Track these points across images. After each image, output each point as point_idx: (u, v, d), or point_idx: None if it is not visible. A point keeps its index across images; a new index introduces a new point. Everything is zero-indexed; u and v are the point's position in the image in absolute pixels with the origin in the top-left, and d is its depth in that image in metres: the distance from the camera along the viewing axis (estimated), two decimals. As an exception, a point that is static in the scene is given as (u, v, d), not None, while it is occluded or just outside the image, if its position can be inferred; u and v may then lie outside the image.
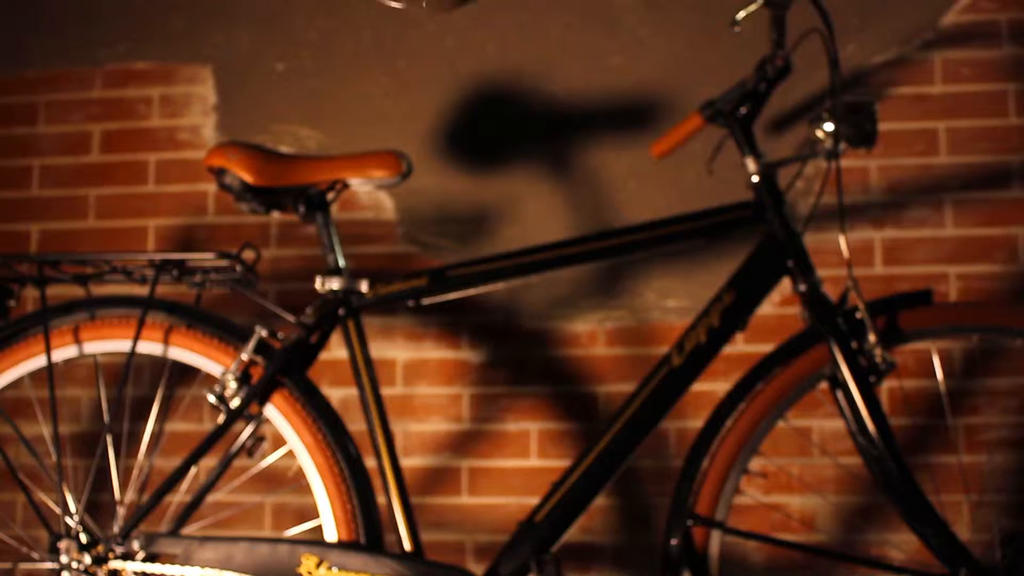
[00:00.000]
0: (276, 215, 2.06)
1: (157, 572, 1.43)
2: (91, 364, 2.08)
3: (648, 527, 1.97)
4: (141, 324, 1.53)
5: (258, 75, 2.13)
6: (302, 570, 1.41)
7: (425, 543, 1.53)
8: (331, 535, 1.49)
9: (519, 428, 2.01)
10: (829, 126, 1.49)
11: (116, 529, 1.47)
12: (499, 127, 2.08)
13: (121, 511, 1.50)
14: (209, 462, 1.58)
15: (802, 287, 1.49)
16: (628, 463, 1.52)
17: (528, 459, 2.01)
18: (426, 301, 1.56)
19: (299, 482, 1.63)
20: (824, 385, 1.52)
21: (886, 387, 1.91)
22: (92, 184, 2.16)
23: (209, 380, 1.58)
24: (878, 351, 1.44)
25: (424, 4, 0.75)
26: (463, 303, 2.00)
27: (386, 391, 1.58)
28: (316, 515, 1.53)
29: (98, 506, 1.76)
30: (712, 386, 1.93)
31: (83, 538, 1.46)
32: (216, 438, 1.49)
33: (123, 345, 1.55)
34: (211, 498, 1.59)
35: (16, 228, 2.17)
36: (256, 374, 1.51)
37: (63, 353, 1.57)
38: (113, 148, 2.16)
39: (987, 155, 1.95)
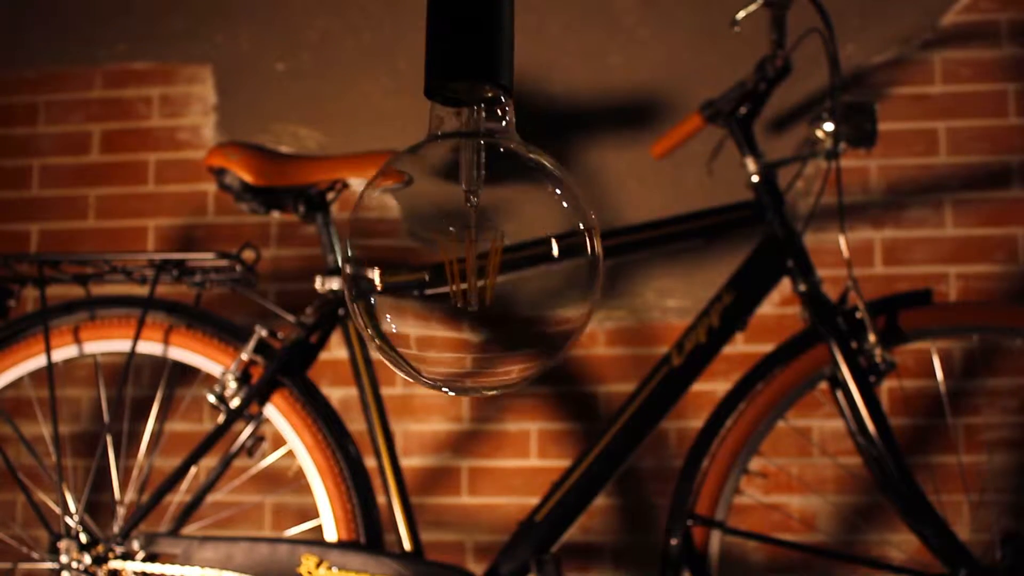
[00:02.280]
0: (276, 215, 2.06)
1: (157, 572, 1.43)
2: (91, 364, 2.08)
3: (648, 527, 1.97)
4: (141, 324, 1.53)
5: (258, 75, 2.13)
6: (302, 570, 1.41)
7: (425, 543, 1.53)
8: (331, 535, 1.49)
9: (519, 428, 2.01)
10: (829, 126, 1.49)
11: (116, 529, 1.47)
12: (499, 127, 2.07)
13: (121, 511, 1.50)
14: (209, 462, 1.58)
15: (802, 287, 1.49)
16: (628, 463, 1.53)
17: (528, 459, 2.01)
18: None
19: (299, 482, 1.63)
20: (824, 385, 1.52)
21: (886, 387, 1.91)
22: (92, 184, 2.16)
23: (209, 380, 1.58)
24: (878, 351, 1.44)
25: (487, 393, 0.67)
26: (463, 303, 1.99)
27: (386, 391, 1.58)
28: (316, 515, 1.53)
29: (98, 506, 1.76)
30: (712, 386, 1.93)
31: (83, 538, 1.46)
32: (216, 438, 1.49)
33: (123, 345, 1.55)
34: (211, 498, 1.59)
35: (16, 228, 2.17)
36: (256, 374, 1.51)
37: (63, 353, 1.57)
38: (113, 148, 2.16)
39: (987, 155, 1.95)
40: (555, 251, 0.63)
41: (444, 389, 0.64)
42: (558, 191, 0.65)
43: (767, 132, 1.98)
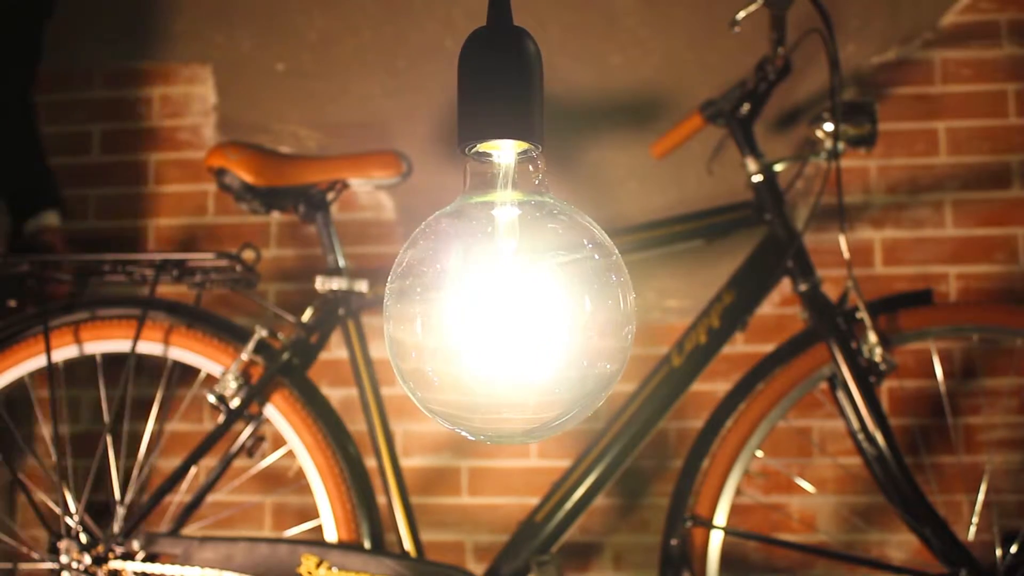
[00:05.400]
0: (276, 215, 2.06)
1: (157, 572, 1.43)
2: (91, 364, 2.07)
3: (648, 527, 1.97)
4: (141, 324, 1.53)
5: (258, 75, 2.13)
6: (302, 570, 1.41)
7: (425, 543, 1.53)
8: (331, 535, 1.49)
9: (519, 428, 2.01)
10: (829, 126, 1.49)
11: (116, 529, 1.47)
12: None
13: (121, 511, 1.49)
14: (209, 462, 1.58)
15: (802, 287, 1.49)
16: (628, 463, 1.53)
17: (528, 459, 2.01)
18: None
19: (299, 482, 1.63)
20: (824, 385, 1.52)
21: (886, 387, 1.91)
22: (92, 184, 2.16)
23: (209, 380, 1.58)
24: (878, 351, 1.45)
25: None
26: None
27: (386, 391, 1.58)
28: (316, 515, 1.53)
29: (98, 506, 1.76)
30: (712, 386, 1.93)
31: (83, 538, 1.46)
32: (216, 438, 1.49)
33: (123, 345, 1.55)
34: (211, 498, 1.59)
35: (16, 228, 2.17)
36: (256, 374, 1.51)
37: (63, 353, 1.57)
38: (113, 148, 2.16)
39: (987, 155, 1.95)
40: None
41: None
42: (588, 244, 0.66)
43: (767, 132, 1.98)
